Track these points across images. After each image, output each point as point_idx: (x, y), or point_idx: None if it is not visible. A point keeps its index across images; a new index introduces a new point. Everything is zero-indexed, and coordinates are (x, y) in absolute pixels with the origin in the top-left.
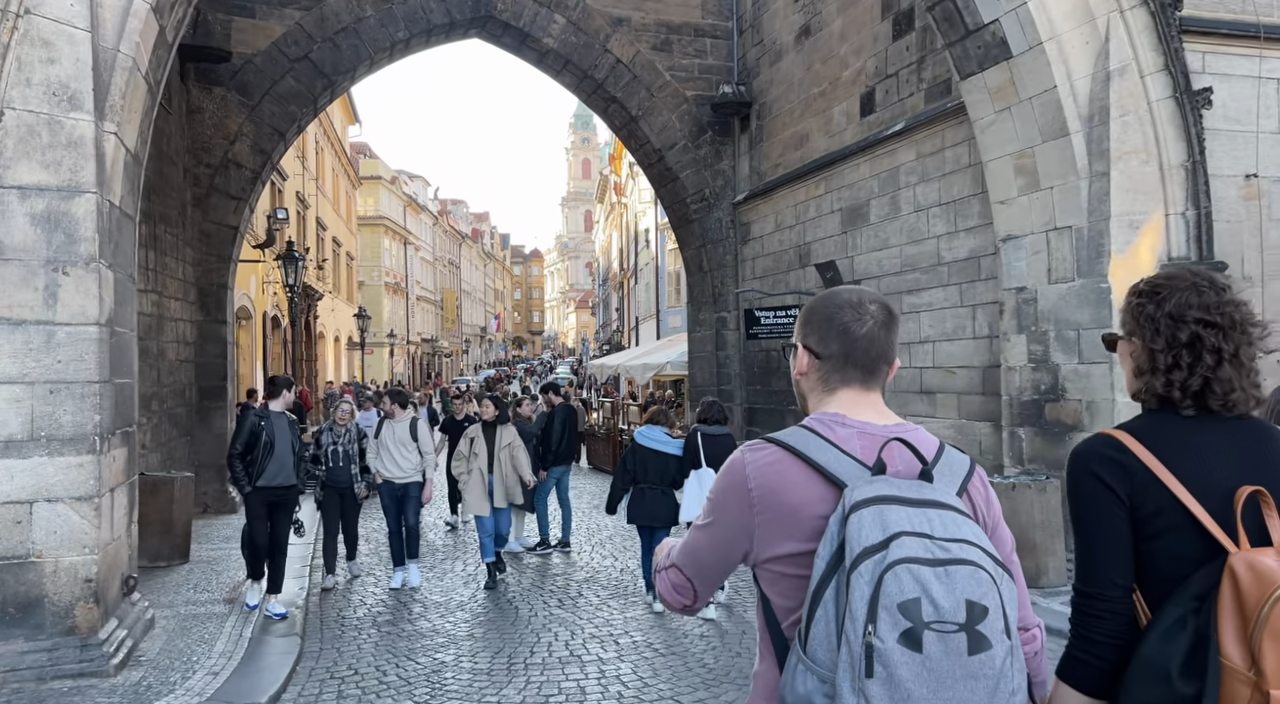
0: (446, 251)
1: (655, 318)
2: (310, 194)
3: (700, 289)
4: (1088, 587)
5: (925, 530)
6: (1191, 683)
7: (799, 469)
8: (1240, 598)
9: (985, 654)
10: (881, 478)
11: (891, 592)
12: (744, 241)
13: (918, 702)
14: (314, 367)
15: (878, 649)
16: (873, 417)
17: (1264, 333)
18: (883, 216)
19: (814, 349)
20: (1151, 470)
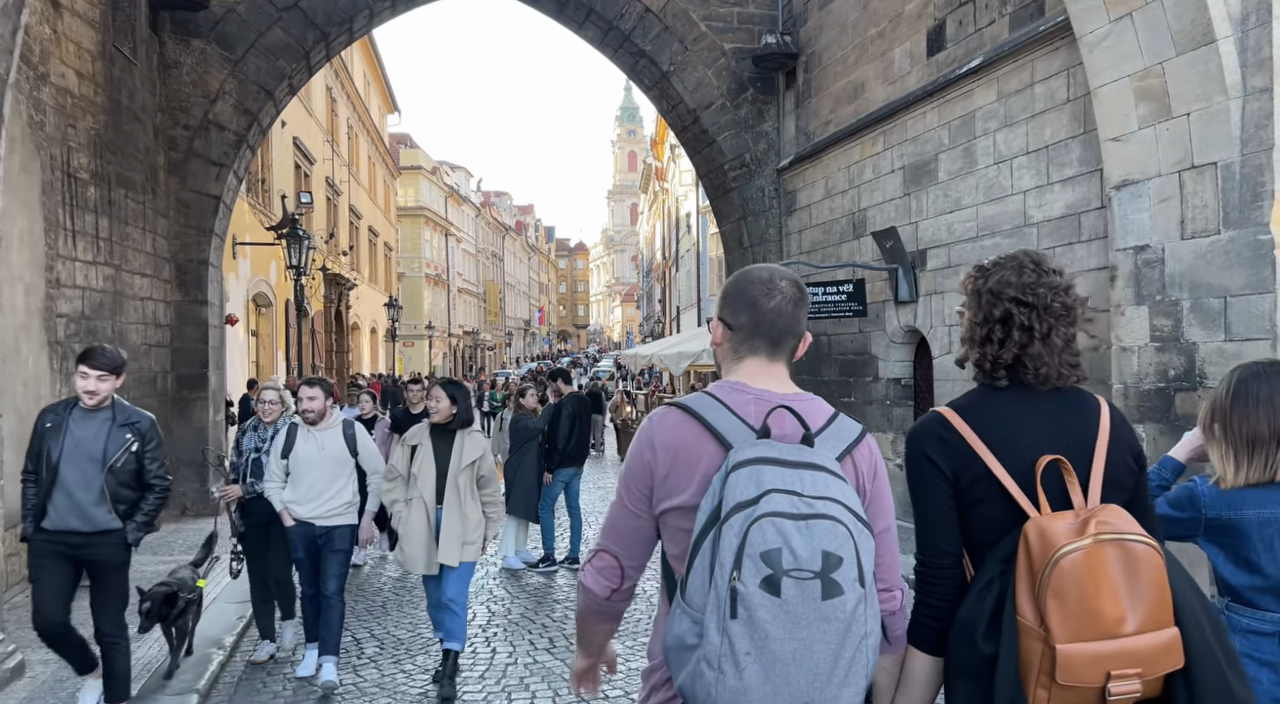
0: (489, 244)
1: (696, 306)
2: (342, 180)
3: (740, 267)
4: (923, 556)
5: (795, 488)
6: (991, 643)
7: (696, 430)
8: (1030, 560)
9: (838, 599)
10: (765, 441)
11: (756, 542)
12: (789, 212)
13: (775, 641)
14: (345, 358)
15: (741, 593)
16: (772, 386)
17: (1086, 314)
18: (954, 173)
19: (727, 321)
20: (969, 443)
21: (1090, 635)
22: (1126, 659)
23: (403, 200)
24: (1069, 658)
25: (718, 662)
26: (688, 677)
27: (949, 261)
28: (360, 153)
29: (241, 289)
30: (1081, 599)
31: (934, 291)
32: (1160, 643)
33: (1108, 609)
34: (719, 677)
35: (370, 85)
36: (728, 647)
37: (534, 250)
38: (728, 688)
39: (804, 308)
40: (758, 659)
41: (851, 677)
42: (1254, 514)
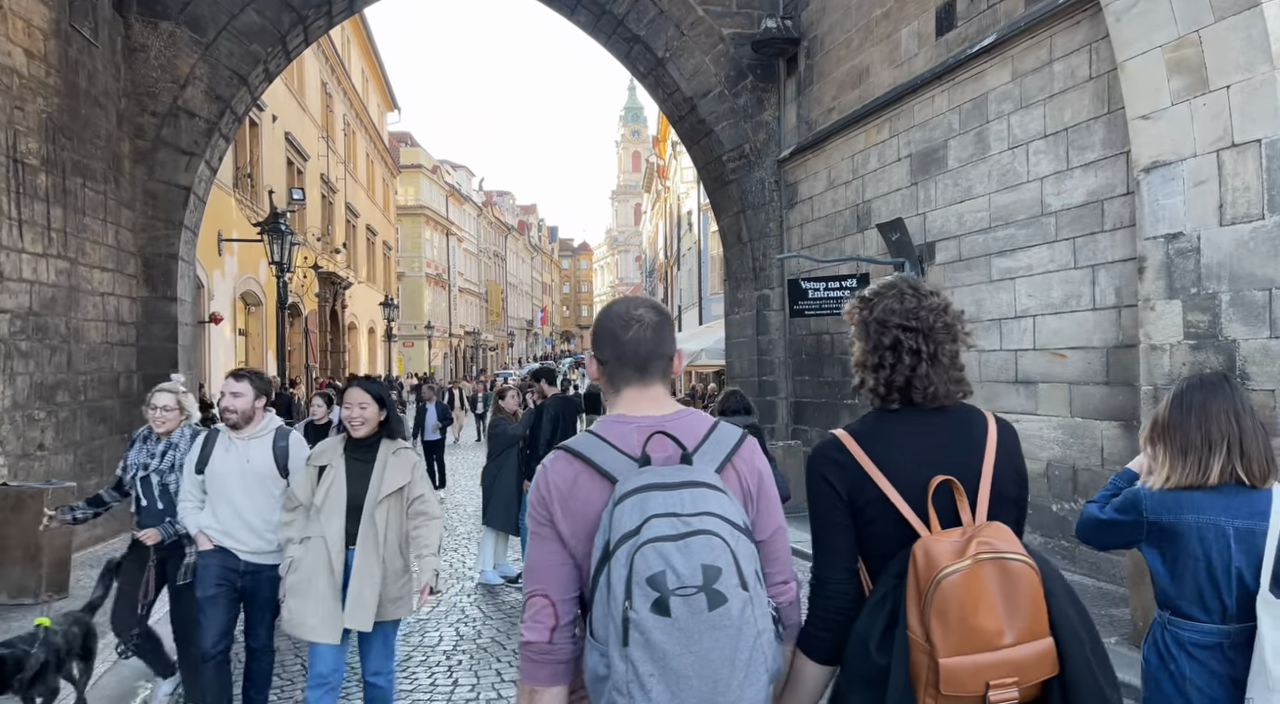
0: (491, 243)
1: (697, 305)
2: (338, 177)
3: (738, 263)
4: (818, 572)
5: (675, 509)
6: (884, 655)
7: (584, 471)
8: (918, 579)
9: (723, 607)
10: (647, 468)
11: (641, 569)
12: (790, 205)
13: (673, 658)
14: (341, 358)
15: (634, 620)
16: (651, 409)
17: (965, 330)
18: (964, 160)
19: (597, 357)
20: (862, 466)
21: (970, 649)
22: (1004, 669)
23: (403, 199)
24: (951, 670)
25: (626, 688)
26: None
27: (960, 254)
28: (358, 150)
29: (228, 287)
30: (961, 617)
31: (943, 287)
32: (1036, 653)
33: (986, 624)
34: (629, 702)
35: (369, 83)
36: (633, 673)
37: (537, 250)
38: None
39: (667, 330)
40: (661, 678)
41: (752, 676)
42: (1192, 519)
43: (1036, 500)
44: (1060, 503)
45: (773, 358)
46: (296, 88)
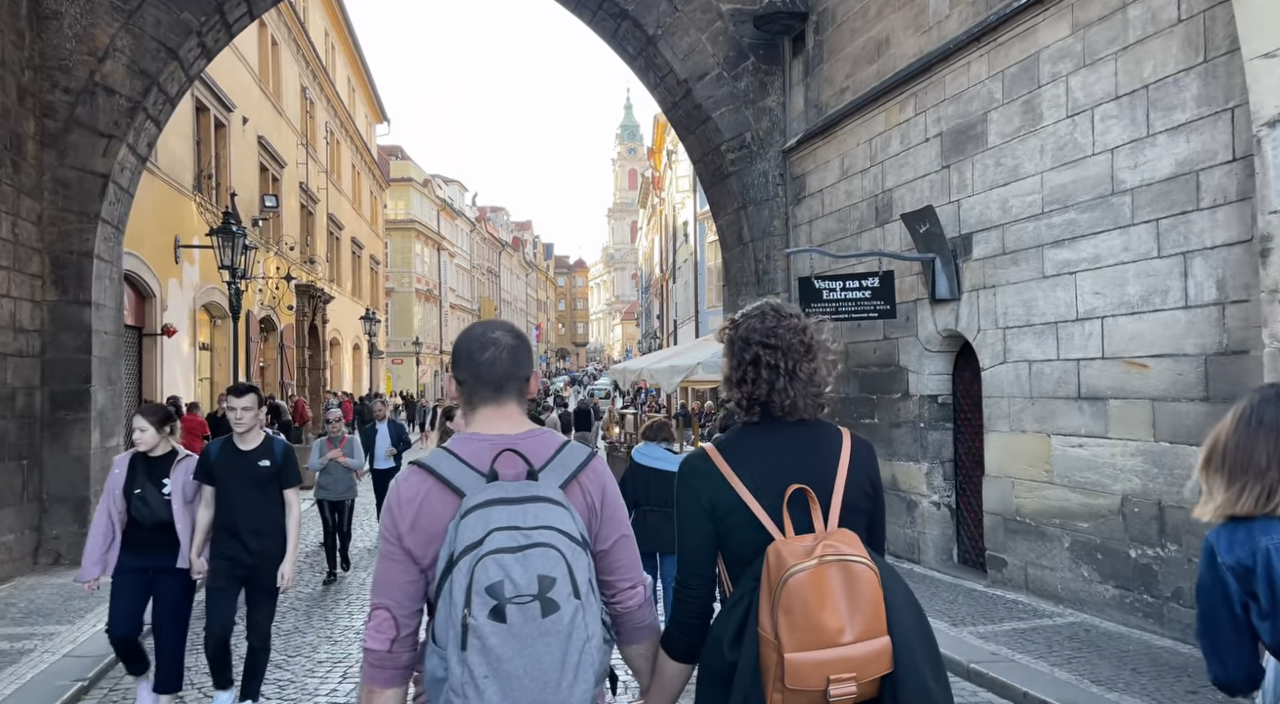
0: (485, 259)
1: (694, 318)
2: (320, 187)
3: (739, 266)
4: (680, 577)
5: (518, 523)
6: (735, 652)
7: (435, 486)
8: (769, 579)
9: (555, 615)
10: (494, 484)
11: (481, 579)
12: (797, 200)
13: (506, 661)
14: (321, 375)
15: (472, 626)
16: (506, 427)
17: (827, 351)
18: (1009, 134)
19: (456, 376)
20: (724, 476)
21: (813, 645)
22: (844, 665)
23: (392, 213)
24: (795, 665)
25: (462, 689)
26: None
27: (1004, 247)
28: (342, 160)
29: (186, 297)
30: (806, 613)
31: (982, 286)
32: (873, 651)
33: (829, 622)
34: (464, 701)
35: (356, 93)
36: (468, 674)
37: (532, 267)
38: None
39: (523, 353)
40: (495, 680)
41: (580, 677)
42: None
43: (1109, 544)
44: (1141, 547)
45: None
46: (272, 90)
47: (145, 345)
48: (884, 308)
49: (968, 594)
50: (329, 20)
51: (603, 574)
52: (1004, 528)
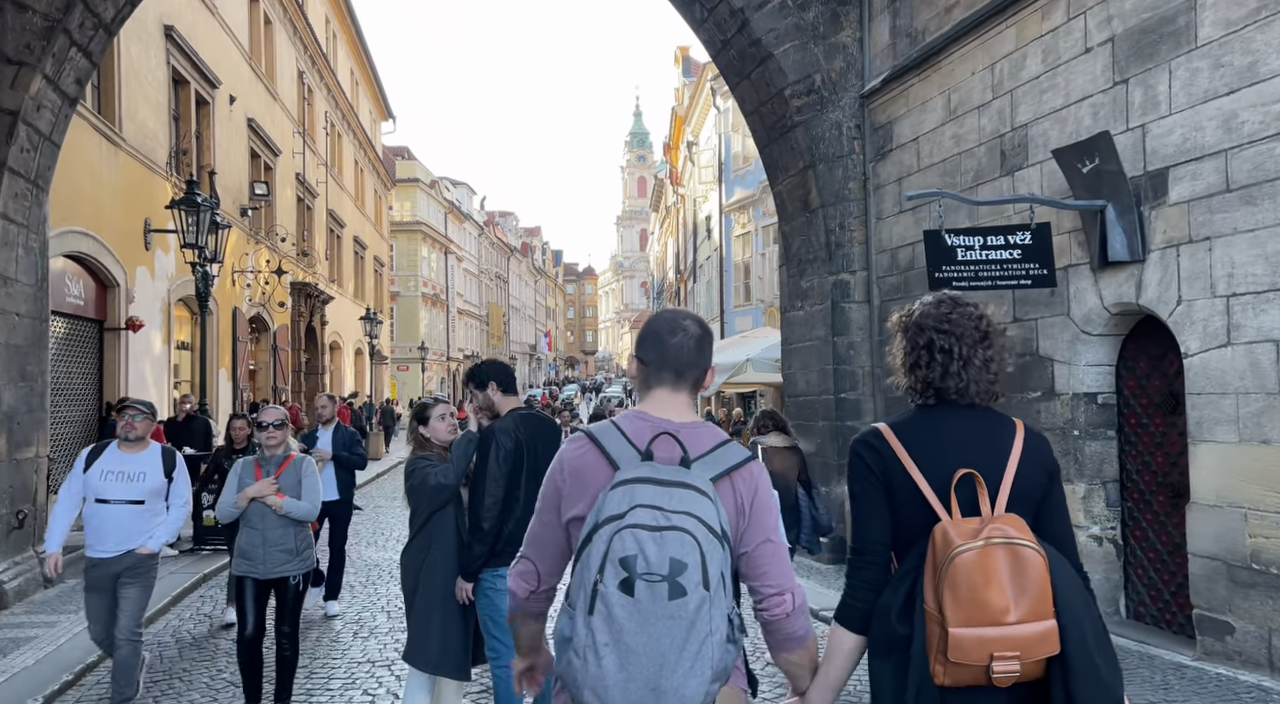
0: (493, 264)
1: (719, 318)
2: (319, 180)
3: (804, 239)
4: (856, 546)
5: (662, 504)
6: (904, 625)
7: (596, 454)
8: (934, 557)
9: (681, 600)
10: (648, 463)
11: (617, 549)
12: (880, 155)
13: (628, 634)
14: (319, 380)
15: (601, 592)
16: (672, 414)
17: (1003, 338)
18: (1239, 20)
19: (640, 357)
20: (897, 455)
21: (977, 622)
22: (1007, 644)
23: (398, 215)
24: (958, 640)
25: (583, 652)
26: (564, 665)
27: (1227, 181)
28: (344, 154)
29: (159, 288)
30: (971, 591)
31: (1186, 239)
32: (1038, 632)
33: (994, 601)
34: (583, 664)
35: (359, 87)
36: (591, 639)
37: (541, 273)
38: (590, 674)
39: (707, 344)
40: (614, 649)
41: (697, 668)
42: None
43: None
44: None
45: (854, 367)
46: (265, 71)
47: (107, 341)
48: (1039, 273)
49: (1174, 671)
50: (330, 7)
51: (748, 579)
52: (1227, 579)
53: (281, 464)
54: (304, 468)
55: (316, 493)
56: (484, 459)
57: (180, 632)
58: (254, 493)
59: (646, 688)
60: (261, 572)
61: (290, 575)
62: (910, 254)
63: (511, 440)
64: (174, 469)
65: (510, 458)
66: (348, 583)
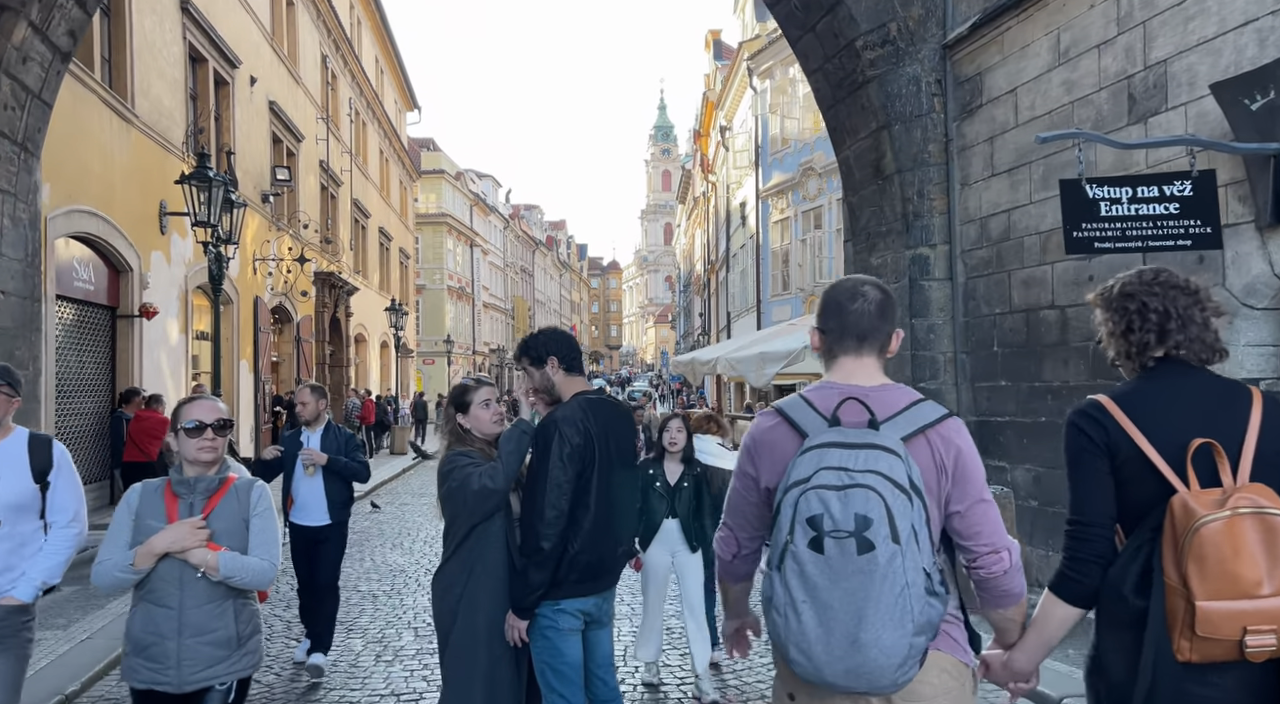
0: (518, 258)
1: (755, 309)
2: (343, 169)
3: (875, 209)
4: (1078, 517)
5: (847, 465)
6: (1141, 598)
7: (785, 427)
8: (1174, 529)
9: (870, 554)
10: (835, 428)
11: (803, 510)
12: (967, 112)
13: (822, 590)
14: (344, 373)
15: (793, 552)
16: (861, 379)
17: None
18: None
19: (820, 327)
20: (1122, 426)
21: (1228, 595)
22: (1262, 617)
23: (423, 206)
24: (1207, 613)
25: (784, 610)
26: (770, 624)
27: None
28: (369, 143)
29: (175, 274)
30: (1220, 562)
31: None
32: None
33: (1245, 572)
34: (785, 622)
35: (384, 75)
36: (788, 597)
37: (566, 267)
38: (792, 631)
39: (890, 308)
40: (811, 606)
41: (894, 620)
42: None
43: None
44: None
45: (934, 353)
46: (287, 53)
47: (120, 329)
48: (1201, 231)
49: None
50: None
51: (960, 538)
52: None
53: (214, 494)
54: (254, 500)
55: (274, 542)
56: (543, 458)
57: None
58: (166, 545)
59: (846, 641)
60: (174, 681)
61: (217, 682)
62: (1005, 223)
63: (579, 434)
64: (50, 468)
65: (577, 457)
66: (369, 592)
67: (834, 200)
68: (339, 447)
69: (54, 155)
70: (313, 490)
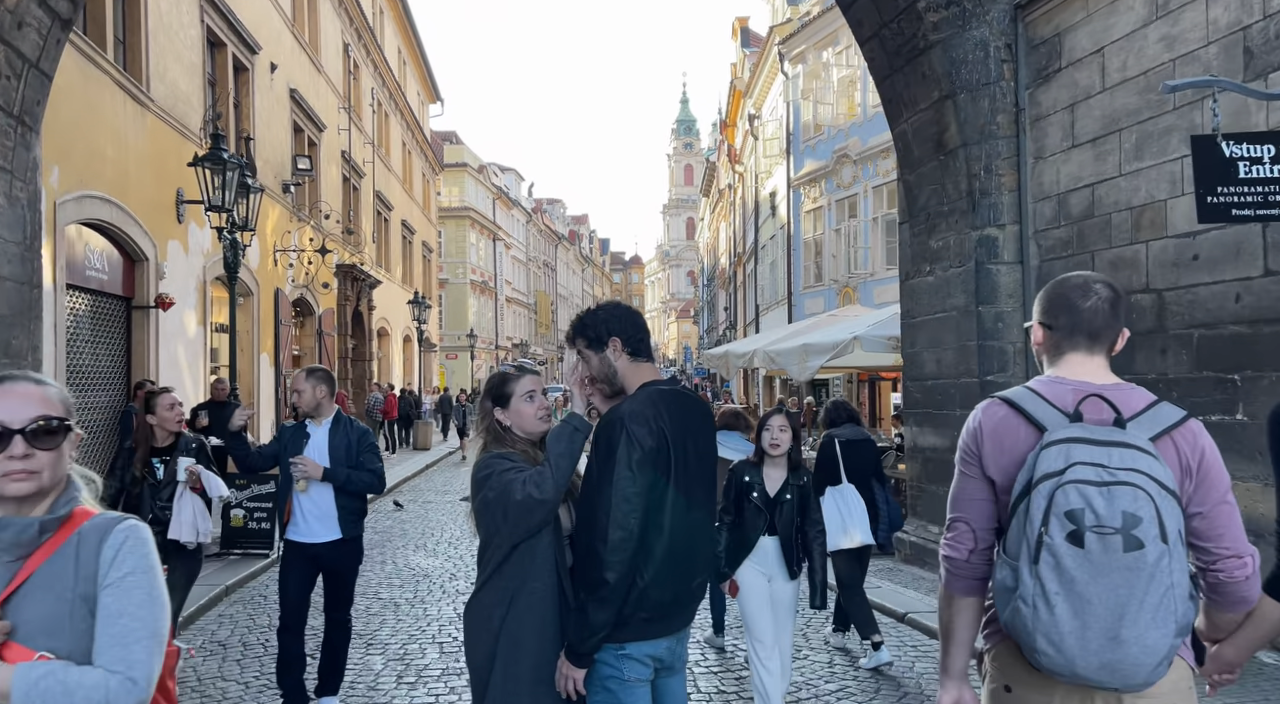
0: (541, 252)
1: (786, 301)
2: (365, 161)
3: (936, 187)
4: None
5: (1101, 462)
6: None
7: (1016, 418)
8: None
9: (1139, 552)
10: (1077, 424)
11: (1061, 503)
12: (1042, 78)
13: (1080, 584)
14: (365, 367)
15: (1048, 544)
16: (1091, 377)
17: None
18: None
19: (1046, 323)
20: None
21: None
22: None
23: (446, 200)
24: None
25: (1031, 600)
26: (1010, 613)
27: None
28: (391, 135)
29: (193, 265)
30: None
31: None
32: None
33: None
34: (1033, 612)
35: (406, 66)
36: (1039, 588)
37: (588, 262)
38: (1041, 621)
39: (1121, 306)
40: (1066, 598)
41: (1159, 620)
42: None
43: None
44: None
45: (1003, 343)
46: (308, 40)
47: (135, 320)
48: None
49: None
50: None
51: (1200, 539)
52: None
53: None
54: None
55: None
56: (606, 465)
57: (189, 667)
58: None
59: (1105, 637)
60: None
61: None
62: (1088, 198)
63: (652, 435)
64: None
65: (649, 463)
66: (390, 600)
67: (870, 188)
68: (348, 446)
69: (63, 137)
70: (319, 498)
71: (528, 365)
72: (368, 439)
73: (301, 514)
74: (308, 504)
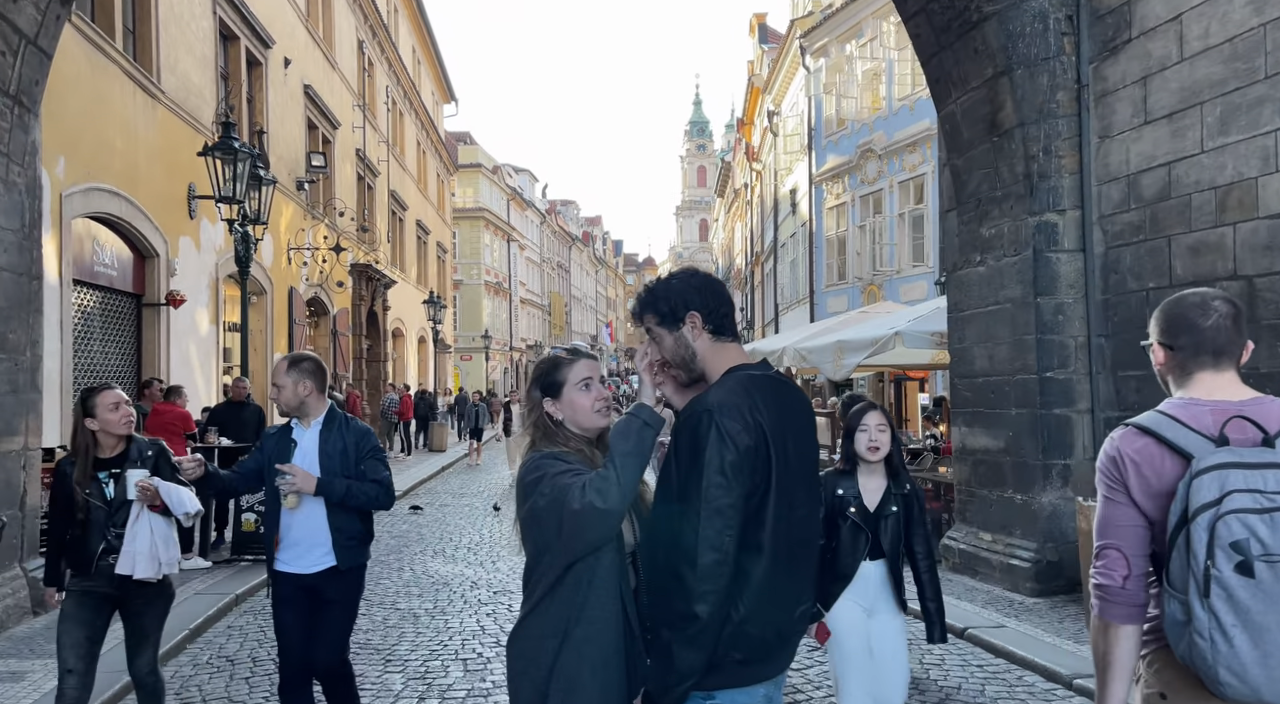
0: (555, 253)
1: (809, 300)
2: (380, 159)
3: (989, 171)
4: None
5: (1258, 487)
6: None
7: (1156, 445)
8: None
9: None
10: (1225, 449)
11: (1224, 535)
12: (1109, 50)
13: (1255, 613)
14: (380, 368)
15: (1216, 577)
16: (1226, 395)
17: None
18: None
19: (1167, 343)
20: None
21: None
22: None
23: (460, 201)
24: None
25: (1209, 634)
26: (1185, 647)
27: None
28: (406, 134)
29: (205, 262)
30: None
31: None
32: None
33: None
34: (1211, 646)
35: (421, 65)
36: (1214, 622)
37: (601, 263)
38: (1222, 655)
39: (1243, 322)
40: (1244, 630)
41: None
42: None
43: None
44: None
45: (1064, 337)
46: (323, 36)
47: (145, 317)
48: None
49: None
50: None
51: None
52: None
53: None
54: None
55: None
56: (691, 468)
57: (193, 684)
58: None
59: None
60: None
61: None
62: (1163, 179)
63: (748, 430)
64: None
65: (747, 467)
66: (410, 611)
67: (895, 183)
68: (344, 451)
69: (70, 126)
70: (309, 518)
71: (582, 349)
72: (369, 441)
73: (290, 540)
74: (297, 525)
